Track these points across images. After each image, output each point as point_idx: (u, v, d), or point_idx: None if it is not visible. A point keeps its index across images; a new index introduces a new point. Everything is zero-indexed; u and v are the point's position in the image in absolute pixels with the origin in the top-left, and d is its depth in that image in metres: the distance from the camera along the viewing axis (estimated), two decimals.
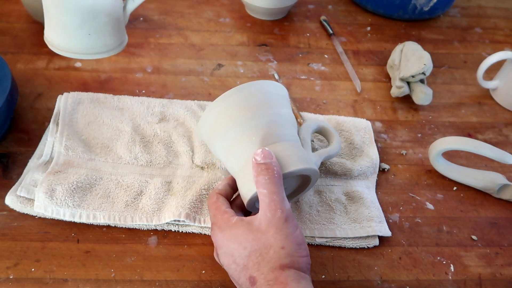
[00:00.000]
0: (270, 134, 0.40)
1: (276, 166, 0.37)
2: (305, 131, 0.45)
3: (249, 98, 0.41)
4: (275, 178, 0.37)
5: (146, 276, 0.42)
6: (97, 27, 0.48)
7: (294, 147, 0.41)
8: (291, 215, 0.37)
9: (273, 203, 0.36)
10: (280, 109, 0.42)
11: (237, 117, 0.40)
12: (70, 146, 0.49)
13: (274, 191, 0.36)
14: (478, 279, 0.44)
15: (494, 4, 0.83)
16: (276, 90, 0.43)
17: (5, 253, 0.42)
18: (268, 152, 0.38)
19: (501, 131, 0.60)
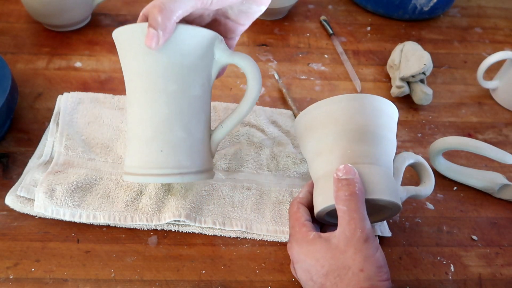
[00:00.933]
0: (366, 153, 0.38)
1: (358, 183, 0.36)
2: (401, 162, 0.43)
3: (360, 110, 0.39)
4: (356, 195, 0.35)
5: (146, 276, 0.42)
6: (170, 141, 0.40)
7: (386, 175, 0.39)
8: (372, 235, 0.35)
9: (353, 222, 0.34)
10: (386, 132, 0.40)
11: (341, 124, 0.39)
12: (70, 146, 0.49)
13: (354, 209, 0.35)
14: (478, 279, 0.44)
15: (494, 4, 0.83)
16: (389, 110, 0.41)
17: (5, 253, 0.42)
18: (351, 169, 0.36)
19: (501, 131, 0.60)
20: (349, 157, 0.38)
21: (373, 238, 0.35)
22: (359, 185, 0.36)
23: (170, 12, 0.34)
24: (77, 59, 0.62)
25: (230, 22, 0.42)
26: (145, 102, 0.40)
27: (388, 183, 0.38)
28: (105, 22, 0.69)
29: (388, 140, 0.40)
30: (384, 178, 0.38)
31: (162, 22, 0.34)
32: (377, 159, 0.39)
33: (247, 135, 0.53)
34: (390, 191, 0.38)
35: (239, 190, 0.48)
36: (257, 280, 0.42)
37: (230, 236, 0.45)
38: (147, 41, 0.35)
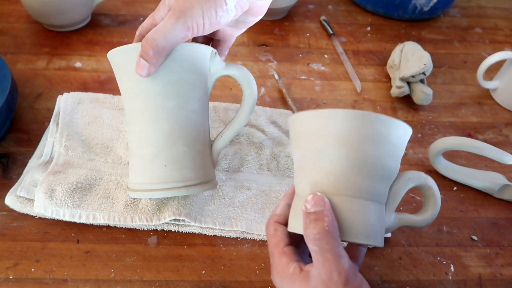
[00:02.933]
0: (352, 184, 0.33)
1: (328, 217, 0.31)
2: (402, 184, 0.36)
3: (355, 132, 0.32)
4: (327, 233, 0.31)
5: (146, 276, 0.42)
6: (174, 156, 0.40)
7: (371, 212, 0.33)
8: (353, 274, 0.31)
9: (328, 264, 0.30)
10: (385, 161, 0.33)
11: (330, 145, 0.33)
12: (70, 146, 0.49)
13: (326, 249, 0.30)
14: (478, 279, 0.44)
15: (494, 4, 0.83)
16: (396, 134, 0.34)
17: (5, 253, 0.42)
18: (320, 200, 0.32)
19: (501, 131, 0.60)
20: (330, 185, 0.33)
21: (353, 278, 0.31)
22: (329, 219, 0.31)
23: (162, 49, 0.36)
24: (77, 59, 0.62)
25: (227, 28, 0.42)
26: (145, 121, 0.40)
27: (369, 223, 0.33)
28: (105, 22, 0.69)
29: (387, 170, 0.34)
30: (366, 217, 0.33)
31: (154, 57, 0.36)
32: (365, 191, 0.33)
33: (247, 135, 0.53)
34: (369, 233, 0.33)
35: (239, 190, 0.48)
36: (257, 281, 0.42)
37: (230, 237, 0.45)
38: (138, 69, 0.36)
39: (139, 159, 0.41)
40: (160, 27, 0.35)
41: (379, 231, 0.34)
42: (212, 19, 0.36)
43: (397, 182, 0.36)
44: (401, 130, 0.34)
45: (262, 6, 0.40)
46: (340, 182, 0.33)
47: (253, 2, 0.38)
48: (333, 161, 0.33)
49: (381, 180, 0.34)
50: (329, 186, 0.33)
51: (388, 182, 0.35)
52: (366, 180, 0.33)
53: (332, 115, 0.33)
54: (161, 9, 0.38)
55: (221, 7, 0.35)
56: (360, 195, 0.33)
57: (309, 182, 0.34)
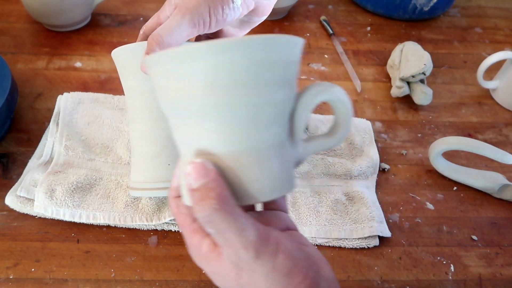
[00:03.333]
0: (243, 136, 0.26)
1: (216, 189, 0.25)
2: (306, 105, 0.29)
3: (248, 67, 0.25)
4: (218, 212, 0.25)
5: (146, 276, 0.42)
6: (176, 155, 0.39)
7: (270, 159, 0.27)
8: (263, 243, 0.26)
9: (230, 243, 0.26)
10: (271, 93, 0.26)
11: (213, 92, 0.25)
12: (70, 146, 0.49)
13: (223, 229, 0.25)
14: (478, 279, 0.44)
15: (494, 4, 0.83)
16: (296, 54, 0.27)
17: (5, 253, 0.42)
18: (202, 168, 0.26)
19: (501, 131, 0.60)
20: (214, 143, 0.26)
21: (265, 245, 0.26)
22: (217, 192, 0.25)
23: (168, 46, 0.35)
24: (77, 59, 0.62)
25: (231, 29, 0.42)
26: (149, 119, 0.40)
27: (271, 174, 0.27)
28: (105, 22, 0.69)
29: (276, 103, 0.27)
30: (266, 169, 0.27)
31: None
32: (259, 140, 0.27)
33: None
34: (273, 186, 0.28)
35: None
36: None
37: None
38: (143, 67, 0.36)
39: (141, 157, 0.41)
40: (166, 24, 0.35)
41: (286, 176, 0.28)
42: (219, 17, 0.36)
43: (300, 103, 0.29)
44: (295, 46, 0.27)
45: (267, 6, 0.40)
46: (226, 137, 0.26)
47: (259, 2, 0.38)
48: (213, 114, 0.26)
49: (277, 116, 0.27)
50: (213, 145, 0.27)
51: (286, 113, 0.28)
52: (260, 125, 0.26)
53: (199, 55, 0.25)
54: (166, 8, 0.38)
55: (227, 4, 0.35)
56: (254, 146, 0.27)
57: (189, 144, 0.28)
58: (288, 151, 0.29)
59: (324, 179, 0.50)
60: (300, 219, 0.46)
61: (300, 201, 0.48)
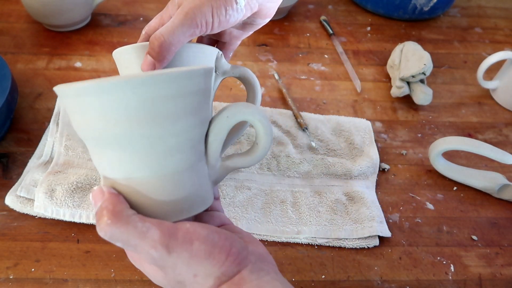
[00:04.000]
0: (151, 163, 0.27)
1: (108, 206, 0.27)
2: (221, 129, 0.30)
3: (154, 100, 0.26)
4: (112, 226, 0.26)
5: (146, 276, 0.42)
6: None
7: (174, 182, 0.28)
8: (171, 236, 0.26)
9: (139, 249, 0.26)
10: (170, 124, 0.27)
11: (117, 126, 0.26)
12: (70, 146, 0.49)
13: (126, 240, 0.26)
14: (478, 279, 0.44)
15: (494, 4, 0.83)
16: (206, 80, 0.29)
17: (5, 253, 0.42)
18: (98, 192, 0.28)
19: (501, 131, 0.60)
20: (121, 170, 0.28)
21: (173, 241, 0.26)
22: (110, 208, 0.26)
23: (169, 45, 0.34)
24: (77, 59, 0.62)
25: (234, 30, 0.42)
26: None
27: (183, 196, 0.28)
28: (105, 22, 0.69)
29: (196, 129, 0.28)
30: (178, 193, 0.28)
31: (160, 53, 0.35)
32: (169, 166, 0.28)
33: (247, 135, 0.53)
34: (185, 207, 0.29)
35: (239, 190, 0.48)
36: None
37: None
38: (144, 66, 0.35)
39: None
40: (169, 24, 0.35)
41: (196, 196, 0.29)
42: (222, 18, 0.35)
43: (213, 127, 0.29)
44: (193, 77, 0.27)
45: (271, 9, 0.40)
46: (127, 166, 0.27)
47: (263, 4, 0.38)
48: (113, 144, 0.27)
49: (180, 144, 0.28)
50: (116, 172, 0.28)
51: (195, 139, 0.29)
52: (159, 154, 0.27)
53: (92, 92, 0.25)
54: (169, 8, 0.38)
55: (231, 5, 0.35)
56: (155, 173, 0.27)
57: (99, 167, 0.29)
58: (199, 172, 0.30)
59: (324, 179, 0.50)
60: (300, 219, 0.46)
61: (301, 201, 0.48)
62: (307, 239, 0.45)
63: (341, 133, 0.55)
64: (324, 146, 0.53)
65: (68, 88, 0.27)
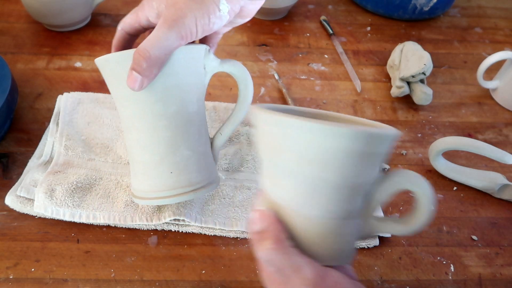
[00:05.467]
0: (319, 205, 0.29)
1: (273, 231, 0.29)
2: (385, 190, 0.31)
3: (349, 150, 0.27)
4: (274, 251, 0.28)
5: (146, 276, 0.42)
6: (179, 162, 0.39)
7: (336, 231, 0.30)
8: (320, 280, 0.28)
9: (290, 280, 0.28)
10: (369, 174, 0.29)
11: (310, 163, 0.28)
12: (70, 146, 0.49)
13: (281, 267, 0.28)
14: (478, 279, 0.44)
15: (494, 4, 0.83)
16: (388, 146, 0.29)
17: (5, 253, 0.42)
18: (262, 215, 0.30)
19: (501, 131, 0.60)
20: (292, 202, 0.29)
21: (322, 282, 0.28)
22: (274, 234, 0.29)
23: (156, 60, 0.34)
24: (77, 59, 0.62)
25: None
26: (145, 128, 0.38)
27: (334, 245, 0.30)
28: (105, 22, 0.69)
29: (366, 185, 0.30)
30: (331, 239, 0.30)
31: (147, 69, 0.34)
32: (333, 211, 0.29)
33: (247, 135, 0.53)
34: (331, 255, 0.30)
35: (239, 190, 0.48)
36: (257, 280, 0.42)
37: (230, 236, 0.45)
38: (130, 83, 0.34)
39: (142, 166, 0.40)
40: (153, 38, 0.34)
41: (344, 248, 0.31)
42: (205, 27, 0.35)
43: (379, 186, 0.30)
44: (392, 139, 0.29)
45: (253, 10, 0.40)
46: (298, 200, 0.29)
47: (245, 6, 0.38)
48: (297, 178, 0.28)
49: (356, 194, 0.29)
50: (295, 203, 0.29)
51: (362, 194, 0.30)
52: (339, 199, 0.29)
53: (312, 129, 0.27)
54: (146, 8, 0.36)
55: (214, 13, 0.35)
56: (321, 215, 0.29)
57: (268, 186, 0.31)
58: (354, 226, 0.31)
59: None
60: None
61: None
62: None
63: None
64: None
65: (272, 118, 0.28)
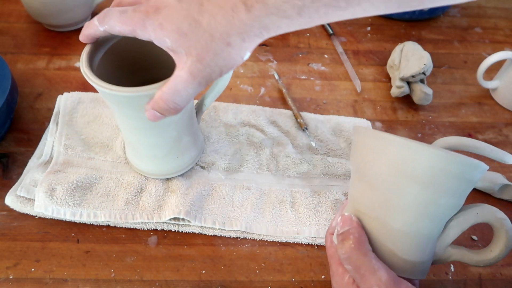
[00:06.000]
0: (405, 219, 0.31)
1: (354, 234, 0.32)
2: (465, 220, 0.33)
3: (447, 173, 0.30)
4: (354, 251, 0.31)
5: (146, 276, 0.42)
6: (182, 149, 0.45)
7: (416, 247, 0.32)
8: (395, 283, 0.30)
9: (365, 279, 0.31)
10: (457, 201, 0.32)
11: (409, 183, 0.31)
12: (69, 145, 0.49)
13: (358, 266, 0.31)
14: (478, 279, 0.44)
15: (494, 4, 0.83)
16: (477, 177, 0.32)
17: (5, 253, 0.42)
18: (348, 218, 0.33)
19: (501, 131, 0.60)
20: (381, 213, 0.32)
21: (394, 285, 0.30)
22: (355, 236, 0.32)
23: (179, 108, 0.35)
24: (77, 59, 0.62)
25: None
26: (154, 133, 0.42)
27: (411, 259, 0.32)
28: None
29: (452, 209, 0.32)
30: (409, 253, 0.32)
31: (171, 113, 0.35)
32: (417, 227, 0.32)
33: (247, 135, 0.53)
34: (408, 268, 0.33)
35: (239, 190, 0.48)
36: (257, 280, 0.42)
37: (230, 236, 0.45)
38: (151, 117, 0.36)
39: (149, 158, 0.45)
40: (182, 90, 0.33)
41: (421, 266, 0.33)
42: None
43: (460, 215, 0.33)
44: (482, 170, 0.32)
45: None
46: (394, 215, 0.31)
47: None
48: (398, 196, 0.31)
49: (442, 216, 0.32)
50: (378, 213, 0.32)
51: (445, 217, 0.33)
52: (425, 217, 0.31)
53: (416, 150, 0.30)
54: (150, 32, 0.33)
55: (238, 64, 0.34)
56: (404, 228, 0.32)
57: (355, 195, 0.34)
58: (431, 246, 0.33)
59: (323, 179, 0.50)
60: (299, 219, 0.46)
61: (300, 201, 0.48)
62: (306, 239, 0.45)
63: (341, 133, 0.55)
64: (324, 146, 0.53)
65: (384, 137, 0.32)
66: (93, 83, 0.36)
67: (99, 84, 0.36)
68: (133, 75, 0.45)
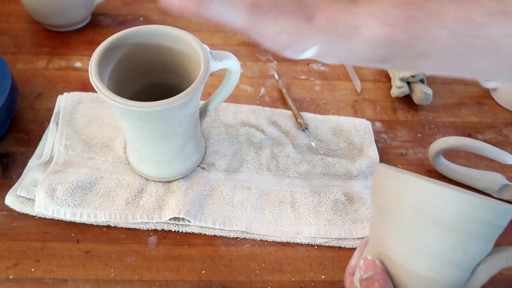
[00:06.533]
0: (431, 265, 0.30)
1: (379, 280, 0.31)
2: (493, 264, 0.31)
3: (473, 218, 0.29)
4: None
5: (146, 276, 0.42)
6: (186, 154, 0.46)
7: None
8: None
9: None
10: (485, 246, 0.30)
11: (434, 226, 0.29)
12: (69, 145, 0.49)
13: None
14: None
15: None
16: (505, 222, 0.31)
17: (5, 253, 0.42)
18: (371, 263, 0.32)
19: (501, 131, 0.60)
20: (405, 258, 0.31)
21: None
22: (380, 283, 0.31)
23: None
24: (77, 59, 0.62)
25: None
26: (161, 141, 0.43)
27: None
28: (105, 22, 0.69)
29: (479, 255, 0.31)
30: None
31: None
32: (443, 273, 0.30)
33: (247, 135, 0.53)
34: None
35: (239, 190, 0.48)
36: (257, 280, 0.42)
37: (230, 236, 0.45)
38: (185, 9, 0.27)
39: (154, 163, 0.46)
40: None
41: None
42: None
43: (489, 259, 0.31)
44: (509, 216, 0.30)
45: None
46: (420, 260, 0.30)
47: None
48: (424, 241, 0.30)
49: (468, 262, 0.31)
50: (403, 258, 0.31)
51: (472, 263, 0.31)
52: (453, 264, 0.30)
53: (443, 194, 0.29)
54: None
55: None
56: (428, 275, 0.30)
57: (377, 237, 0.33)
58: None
59: (323, 179, 0.50)
60: (299, 219, 0.46)
61: (300, 201, 0.48)
62: (306, 239, 0.45)
63: (341, 133, 0.55)
64: (324, 146, 0.53)
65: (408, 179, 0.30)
66: (105, 96, 0.37)
67: (112, 98, 0.37)
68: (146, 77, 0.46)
